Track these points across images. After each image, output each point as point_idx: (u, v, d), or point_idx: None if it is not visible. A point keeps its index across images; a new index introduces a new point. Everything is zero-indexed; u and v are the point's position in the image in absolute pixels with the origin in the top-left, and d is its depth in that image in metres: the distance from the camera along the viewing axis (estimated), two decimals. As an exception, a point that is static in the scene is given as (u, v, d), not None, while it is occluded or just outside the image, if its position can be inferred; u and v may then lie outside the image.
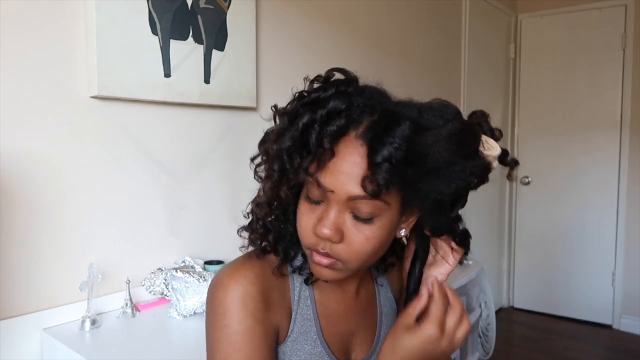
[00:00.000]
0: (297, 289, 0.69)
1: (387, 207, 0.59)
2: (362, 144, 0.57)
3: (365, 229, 0.60)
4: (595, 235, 3.48)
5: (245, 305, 0.62)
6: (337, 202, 0.59)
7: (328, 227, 0.59)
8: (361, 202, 0.58)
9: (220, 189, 1.65)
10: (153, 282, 1.35)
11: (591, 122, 3.46)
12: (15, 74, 1.17)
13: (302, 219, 0.62)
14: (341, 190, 0.58)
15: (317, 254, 0.61)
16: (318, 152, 0.58)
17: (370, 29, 2.30)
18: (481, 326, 2.66)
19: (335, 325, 0.70)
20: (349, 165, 0.57)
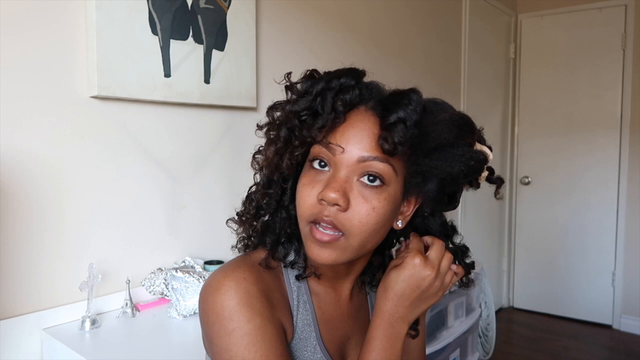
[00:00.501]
0: (295, 293, 0.66)
1: (393, 177, 0.59)
2: (373, 115, 0.60)
3: (372, 198, 0.58)
4: (595, 235, 3.48)
5: (251, 306, 0.58)
6: (346, 164, 0.58)
7: (336, 190, 0.57)
8: (371, 163, 0.58)
9: (220, 189, 1.65)
10: (153, 282, 1.35)
11: (591, 122, 3.46)
12: (15, 74, 1.17)
13: (304, 189, 0.60)
14: (353, 150, 0.58)
15: (318, 231, 0.59)
16: (330, 116, 0.58)
17: (370, 29, 2.30)
18: (481, 326, 2.66)
19: (332, 330, 0.69)
20: (360, 129, 0.59)
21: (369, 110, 0.60)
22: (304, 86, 0.62)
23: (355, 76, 0.61)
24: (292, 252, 0.67)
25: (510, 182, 3.83)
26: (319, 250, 0.59)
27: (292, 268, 0.66)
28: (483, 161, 0.63)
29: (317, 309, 0.68)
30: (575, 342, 3.26)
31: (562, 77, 3.55)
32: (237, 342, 0.57)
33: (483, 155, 0.63)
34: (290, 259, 0.67)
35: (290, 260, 0.66)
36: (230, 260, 0.66)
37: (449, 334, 1.97)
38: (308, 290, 0.67)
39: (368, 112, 0.60)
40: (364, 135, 0.58)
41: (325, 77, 0.61)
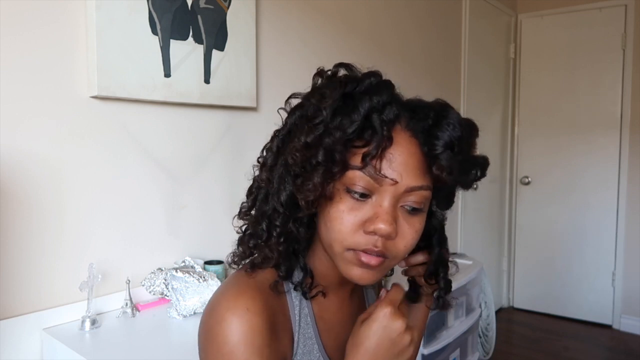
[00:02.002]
0: (297, 307, 0.64)
1: (430, 197, 0.59)
2: (411, 135, 0.57)
3: (415, 222, 0.58)
4: (595, 235, 3.48)
5: (252, 344, 0.55)
6: (393, 194, 0.56)
7: (389, 222, 0.55)
8: (415, 193, 0.57)
9: (220, 189, 1.65)
10: (153, 282, 1.35)
11: (591, 122, 3.46)
12: (15, 74, 1.17)
13: (345, 216, 0.57)
14: (403, 181, 0.56)
15: (365, 255, 0.57)
16: (378, 139, 0.54)
17: (370, 29, 2.30)
18: (481, 326, 2.66)
19: (334, 337, 0.68)
20: (406, 154, 0.56)
21: (406, 130, 0.57)
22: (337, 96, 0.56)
23: (390, 89, 0.58)
24: (297, 271, 0.64)
25: (510, 182, 3.83)
26: (362, 273, 0.58)
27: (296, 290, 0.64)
28: (488, 163, 0.63)
29: (319, 320, 0.66)
30: (575, 342, 3.26)
31: (562, 77, 3.56)
32: None
33: (486, 159, 0.63)
34: (297, 279, 0.64)
35: (297, 281, 0.64)
36: (233, 279, 0.63)
37: (449, 334, 1.97)
38: (309, 303, 0.66)
39: (406, 133, 0.57)
40: (410, 163, 0.56)
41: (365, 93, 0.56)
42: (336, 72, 0.61)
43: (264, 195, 0.63)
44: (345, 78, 0.58)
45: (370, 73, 0.59)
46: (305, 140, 0.55)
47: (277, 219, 0.61)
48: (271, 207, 0.62)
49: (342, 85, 0.56)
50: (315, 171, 0.55)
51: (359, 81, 0.57)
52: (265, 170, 0.63)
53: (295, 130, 0.59)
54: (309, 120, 0.56)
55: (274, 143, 0.62)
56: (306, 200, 0.57)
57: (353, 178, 0.56)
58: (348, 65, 0.61)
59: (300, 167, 0.57)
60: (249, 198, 0.66)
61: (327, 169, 0.55)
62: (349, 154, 0.55)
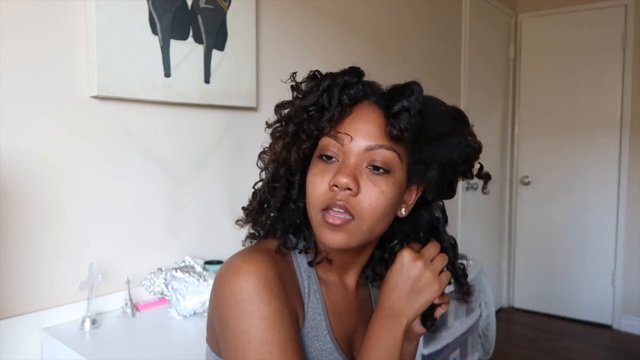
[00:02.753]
0: (306, 282, 0.67)
1: (398, 164, 0.63)
2: (377, 107, 0.64)
3: (380, 183, 0.62)
4: (595, 236, 3.48)
5: (270, 289, 0.59)
6: (354, 153, 0.62)
7: (347, 175, 0.60)
8: (378, 152, 0.62)
9: (220, 189, 1.65)
10: (153, 282, 1.35)
11: (591, 122, 3.46)
12: (15, 74, 1.17)
13: (315, 178, 0.63)
14: (360, 139, 0.62)
15: (330, 215, 0.61)
16: (337, 110, 0.62)
17: (370, 29, 2.30)
18: (481, 326, 2.66)
19: (341, 321, 0.70)
20: (366, 120, 0.63)
21: (373, 104, 0.64)
22: (309, 84, 0.65)
23: (357, 74, 0.65)
24: (301, 241, 0.69)
25: (510, 182, 3.83)
26: (331, 235, 0.62)
27: (306, 254, 0.68)
28: (478, 149, 0.67)
29: (327, 299, 0.69)
30: (575, 342, 3.26)
31: (562, 77, 3.55)
32: (256, 324, 0.57)
33: (478, 144, 0.67)
34: (301, 246, 0.69)
35: (303, 245, 0.68)
36: (243, 248, 0.68)
37: (449, 334, 1.97)
38: (317, 280, 0.69)
39: (372, 106, 0.64)
40: (370, 125, 0.62)
41: (330, 75, 0.64)
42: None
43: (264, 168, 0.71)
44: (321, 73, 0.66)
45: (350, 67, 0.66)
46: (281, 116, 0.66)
47: (262, 190, 0.69)
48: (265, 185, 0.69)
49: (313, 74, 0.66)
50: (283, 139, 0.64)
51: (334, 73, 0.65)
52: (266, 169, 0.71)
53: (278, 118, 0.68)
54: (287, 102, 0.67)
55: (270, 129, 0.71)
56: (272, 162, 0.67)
57: (322, 145, 0.64)
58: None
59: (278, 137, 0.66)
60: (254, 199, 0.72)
61: (294, 138, 0.63)
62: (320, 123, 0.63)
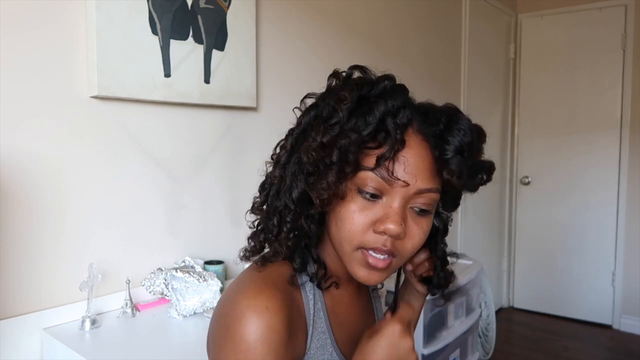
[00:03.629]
0: (311, 301, 0.64)
1: (438, 199, 0.61)
2: (423, 139, 0.59)
3: (423, 223, 0.60)
4: (595, 235, 3.48)
5: (269, 344, 0.56)
6: (403, 196, 0.58)
7: (399, 222, 0.57)
8: (425, 195, 0.59)
9: (220, 189, 1.65)
10: (153, 282, 1.35)
11: (591, 122, 3.46)
12: (15, 74, 1.17)
13: (355, 216, 0.58)
14: (414, 182, 0.57)
15: (372, 257, 0.59)
16: (392, 142, 0.56)
17: (370, 29, 2.30)
18: (481, 326, 2.66)
19: (346, 332, 0.69)
20: (418, 158, 0.58)
21: (418, 134, 0.59)
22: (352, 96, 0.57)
23: (404, 93, 0.60)
24: (310, 262, 0.65)
25: (510, 182, 3.83)
26: (369, 274, 0.60)
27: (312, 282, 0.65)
28: (494, 167, 0.65)
29: (331, 314, 0.67)
30: (575, 342, 3.26)
31: (562, 77, 3.55)
32: None
33: (492, 164, 0.65)
34: (310, 269, 0.65)
35: (313, 273, 0.65)
36: (248, 277, 0.62)
37: (449, 334, 1.97)
38: (322, 297, 0.67)
39: (418, 137, 0.59)
40: (421, 166, 0.58)
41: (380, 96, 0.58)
42: (351, 74, 0.62)
43: (275, 192, 0.64)
44: (360, 81, 0.60)
45: (385, 76, 0.60)
46: (321, 140, 0.57)
47: (287, 214, 0.62)
48: (282, 203, 0.63)
49: (358, 88, 0.58)
50: (329, 170, 0.57)
51: (374, 84, 0.59)
52: (279, 167, 0.64)
53: (310, 130, 0.60)
54: (325, 121, 0.58)
55: (288, 141, 0.64)
56: (320, 198, 0.58)
57: (365, 179, 0.57)
58: (363, 67, 0.63)
59: (314, 165, 0.58)
60: (262, 193, 0.67)
61: (340, 169, 0.56)
62: (361, 155, 0.57)
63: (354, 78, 0.62)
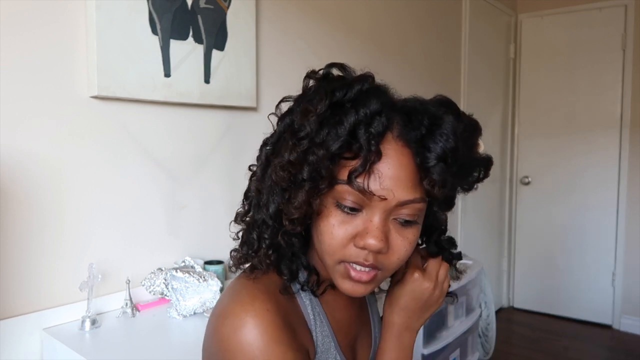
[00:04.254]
0: (309, 307, 0.63)
1: (425, 207, 0.58)
2: (404, 145, 0.54)
3: (408, 234, 0.57)
4: (595, 235, 3.48)
5: (280, 341, 0.54)
6: (383, 209, 0.54)
7: (379, 238, 0.54)
8: (408, 206, 0.55)
9: (220, 189, 1.65)
10: (153, 282, 1.35)
11: (591, 122, 3.46)
12: (15, 74, 1.17)
13: (335, 230, 0.55)
14: (393, 196, 0.54)
15: (354, 270, 0.56)
16: (364, 154, 0.52)
17: (370, 29, 2.30)
18: (481, 326, 2.66)
19: (346, 334, 0.69)
20: (397, 168, 0.54)
21: (398, 140, 0.55)
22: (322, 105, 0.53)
23: (380, 97, 0.55)
24: (301, 269, 0.63)
25: (510, 182, 3.83)
26: (354, 286, 0.58)
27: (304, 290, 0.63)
28: (491, 163, 0.62)
29: (331, 319, 0.66)
30: (575, 342, 3.26)
31: (562, 77, 3.55)
32: None
33: (490, 159, 0.61)
34: (302, 278, 0.63)
35: (304, 280, 0.63)
36: (239, 286, 0.60)
37: (449, 334, 1.97)
38: (319, 302, 0.65)
39: (398, 143, 0.54)
40: (402, 177, 0.54)
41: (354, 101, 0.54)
42: (328, 73, 0.59)
43: (256, 203, 0.62)
44: (334, 85, 0.55)
45: (362, 77, 0.56)
46: (289, 159, 0.54)
47: (266, 230, 0.60)
48: (260, 218, 0.60)
49: (329, 96, 0.54)
50: (301, 188, 0.54)
51: (349, 87, 0.54)
52: (255, 180, 0.62)
53: (281, 143, 0.57)
54: (293, 135, 0.55)
55: (263, 153, 0.61)
56: (290, 219, 0.56)
57: (342, 192, 0.54)
58: (341, 65, 0.59)
59: (287, 183, 0.55)
60: (245, 202, 0.65)
61: (313, 186, 0.53)
62: (337, 167, 0.54)
63: (329, 80, 0.58)
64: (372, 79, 0.57)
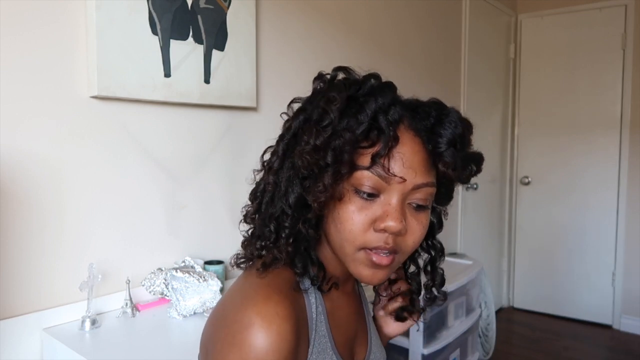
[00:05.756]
0: (314, 305, 0.63)
1: (434, 193, 0.62)
2: (415, 134, 0.59)
3: (422, 217, 0.61)
4: (595, 235, 3.48)
5: (279, 353, 0.54)
6: (401, 192, 0.58)
7: (399, 219, 0.57)
8: (422, 190, 0.59)
9: (220, 189, 1.65)
10: (153, 282, 1.35)
11: (591, 122, 3.46)
12: (15, 74, 1.17)
13: (355, 216, 0.58)
14: (414, 176, 0.58)
15: (377, 255, 0.58)
16: (385, 139, 0.56)
17: (370, 29, 2.30)
18: (481, 326, 2.67)
19: (343, 333, 0.69)
20: (412, 153, 0.58)
21: (409, 130, 0.59)
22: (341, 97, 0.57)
23: (392, 90, 0.60)
24: (310, 266, 0.64)
25: (510, 182, 3.83)
26: (373, 273, 0.60)
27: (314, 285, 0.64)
28: (483, 160, 0.65)
29: (330, 317, 0.66)
30: (575, 342, 3.26)
31: (562, 77, 3.56)
32: None
33: (481, 155, 0.65)
34: (311, 272, 0.64)
35: (313, 275, 0.64)
36: (252, 282, 0.61)
37: (449, 334, 1.98)
38: (323, 300, 0.66)
39: (409, 132, 0.59)
40: (416, 161, 0.58)
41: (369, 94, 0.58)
42: (335, 75, 0.62)
43: (269, 198, 0.63)
44: (347, 81, 0.60)
45: (371, 75, 0.61)
46: (315, 143, 0.57)
47: (285, 220, 0.62)
48: (279, 209, 0.62)
49: (346, 88, 0.58)
50: (324, 173, 0.57)
51: (361, 83, 0.59)
52: (272, 173, 0.63)
53: (302, 134, 0.60)
54: (317, 123, 0.58)
55: (280, 147, 0.63)
56: (317, 201, 0.58)
57: (361, 178, 0.57)
58: (346, 68, 0.63)
59: (309, 169, 0.58)
60: (254, 202, 0.66)
61: (336, 170, 0.56)
62: (356, 155, 0.57)
63: (339, 79, 0.61)
64: (380, 77, 0.61)
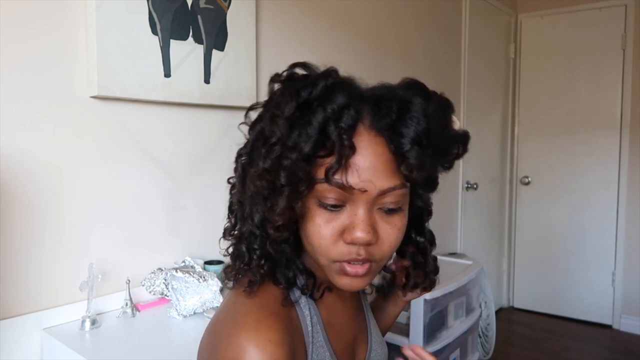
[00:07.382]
0: (308, 316, 0.62)
1: (407, 192, 0.58)
2: (376, 134, 0.54)
3: (395, 221, 0.57)
4: (595, 235, 3.48)
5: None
6: (365, 200, 0.54)
7: (366, 230, 0.54)
8: (390, 194, 0.55)
9: (220, 189, 1.64)
10: (153, 282, 1.35)
11: (591, 122, 3.46)
12: (15, 74, 1.17)
13: (322, 230, 0.55)
14: (374, 187, 0.53)
15: (350, 265, 0.56)
16: (338, 150, 0.51)
17: (370, 29, 2.30)
18: (481, 326, 2.67)
19: (342, 340, 0.68)
20: (373, 158, 0.53)
21: (370, 130, 0.54)
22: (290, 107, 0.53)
23: (346, 90, 0.54)
24: (298, 274, 0.62)
25: (510, 182, 3.83)
26: (351, 281, 0.57)
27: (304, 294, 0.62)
28: (468, 138, 0.61)
29: (327, 325, 0.65)
30: (575, 342, 3.26)
31: (562, 77, 3.55)
32: None
33: (466, 134, 0.61)
34: (299, 282, 0.62)
35: (302, 284, 0.62)
36: (241, 304, 0.58)
37: (449, 334, 1.97)
38: (317, 309, 0.64)
39: (370, 133, 0.54)
40: (379, 165, 0.54)
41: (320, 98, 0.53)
42: (292, 74, 0.58)
43: (241, 216, 0.61)
44: (298, 85, 0.55)
45: (325, 73, 0.55)
46: (264, 167, 0.54)
47: (254, 241, 0.59)
48: (246, 229, 0.60)
49: (295, 97, 0.53)
50: (281, 194, 0.53)
51: (313, 85, 0.54)
52: (236, 192, 0.61)
53: (254, 152, 0.57)
54: (265, 142, 0.54)
55: (239, 164, 0.61)
56: (274, 226, 0.55)
57: (323, 191, 0.54)
58: (304, 64, 0.58)
59: (267, 191, 0.55)
60: (230, 216, 0.64)
61: (293, 189, 0.53)
62: (313, 167, 0.53)
63: (294, 81, 0.57)
64: (335, 73, 0.56)
